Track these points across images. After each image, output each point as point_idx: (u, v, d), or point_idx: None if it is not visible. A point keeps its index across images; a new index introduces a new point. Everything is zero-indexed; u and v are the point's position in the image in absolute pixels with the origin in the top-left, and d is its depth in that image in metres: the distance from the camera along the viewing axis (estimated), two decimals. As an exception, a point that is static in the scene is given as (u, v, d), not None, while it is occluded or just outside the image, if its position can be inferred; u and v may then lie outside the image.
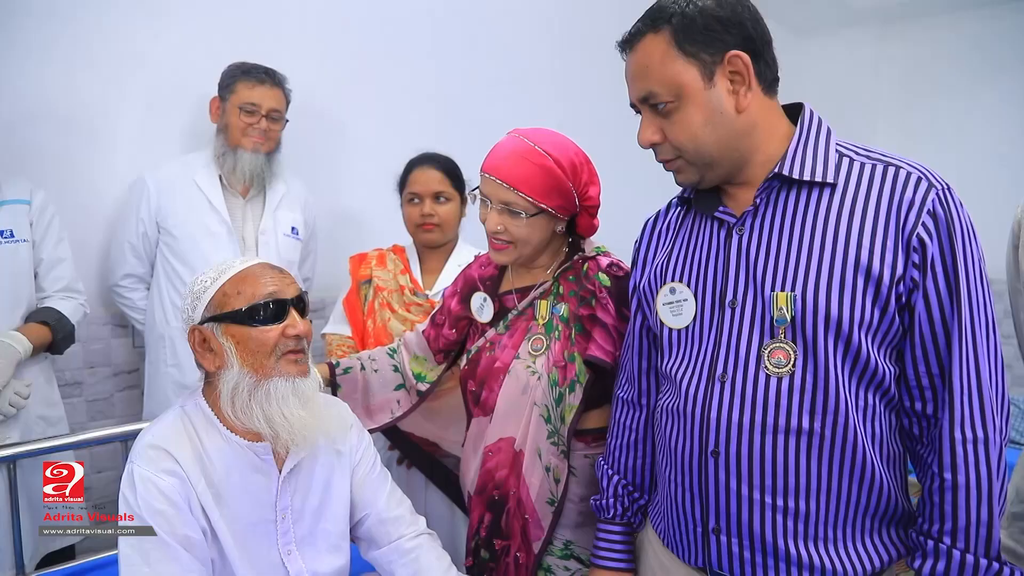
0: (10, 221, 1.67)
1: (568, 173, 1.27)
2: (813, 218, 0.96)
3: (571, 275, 1.36)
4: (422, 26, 2.72)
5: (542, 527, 1.32)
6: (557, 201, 1.28)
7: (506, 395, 1.34)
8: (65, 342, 1.74)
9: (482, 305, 1.45)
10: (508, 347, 1.37)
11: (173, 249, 1.97)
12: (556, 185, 1.27)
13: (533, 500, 1.31)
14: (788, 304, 0.94)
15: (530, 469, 1.31)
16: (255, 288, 1.11)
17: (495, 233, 1.31)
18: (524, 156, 1.26)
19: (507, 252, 1.33)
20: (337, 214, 2.52)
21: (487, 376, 1.37)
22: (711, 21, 0.94)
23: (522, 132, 1.31)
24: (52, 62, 1.94)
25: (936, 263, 0.91)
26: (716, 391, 0.99)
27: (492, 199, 1.29)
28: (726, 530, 0.99)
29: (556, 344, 1.32)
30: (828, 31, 3.92)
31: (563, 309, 1.33)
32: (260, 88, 1.97)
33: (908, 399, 0.96)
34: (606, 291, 1.31)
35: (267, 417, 1.10)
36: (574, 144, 1.32)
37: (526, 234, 1.30)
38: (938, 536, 0.92)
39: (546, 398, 1.31)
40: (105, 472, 2.08)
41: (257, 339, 1.10)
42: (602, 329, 1.30)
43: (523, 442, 1.32)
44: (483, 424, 1.38)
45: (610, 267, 1.33)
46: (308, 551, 1.19)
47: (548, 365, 1.31)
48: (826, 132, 1.00)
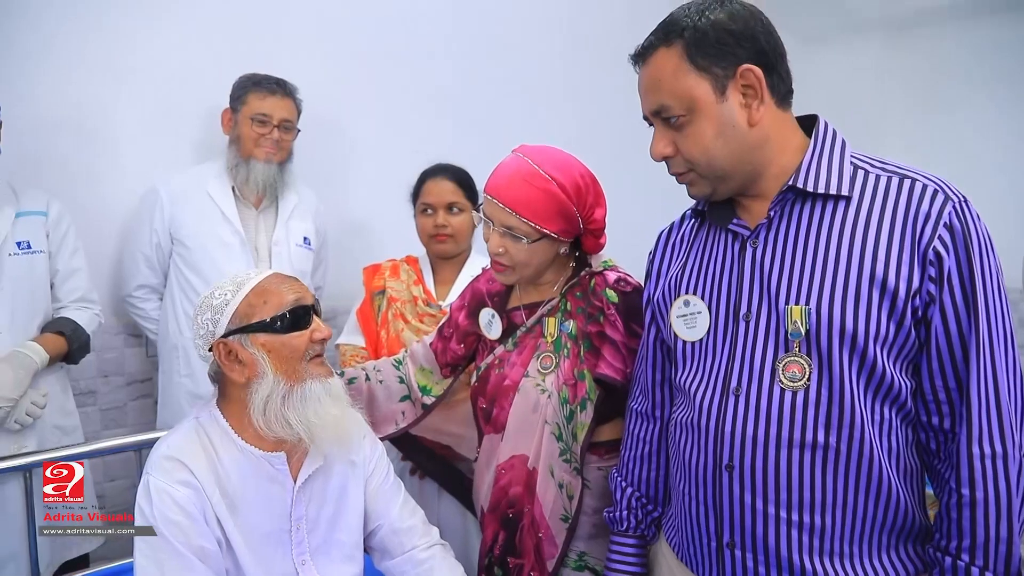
0: (27, 232, 1.69)
1: (572, 196, 1.25)
2: (828, 231, 0.95)
3: (578, 291, 1.35)
4: (434, 35, 2.73)
5: (556, 544, 1.31)
6: (560, 225, 1.26)
7: (516, 413, 1.33)
8: (80, 352, 1.76)
9: (490, 321, 1.45)
10: (517, 365, 1.36)
11: (186, 260, 1.98)
12: (560, 209, 1.25)
13: (547, 517, 1.31)
14: (803, 318, 0.94)
15: (543, 487, 1.31)
16: (279, 297, 1.13)
17: (496, 255, 1.30)
18: (527, 179, 1.24)
19: (507, 274, 1.33)
20: (347, 224, 2.53)
21: (497, 394, 1.37)
22: (723, 35, 0.94)
23: (526, 151, 1.29)
24: (65, 73, 1.97)
25: (953, 276, 0.90)
26: (731, 404, 0.99)
27: (494, 221, 1.28)
28: (741, 545, 0.99)
29: (566, 362, 1.31)
30: (834, 40, 3.91)
31: (571, 326, 1.33)
32: (271, 99, 1.98)
33: (925, 413, 0.96)
34: (614, 308, 1.30)
35: (303, 420, 1.11)
36: (580, 164, 1.30)
37: (526, 258, 1.28)
38: (956, 553, 0.91)
39: (557, 416, 1.30)
40: (118, 480, 2.10)
41: (289, 345, 1.12)
42: (611, 346, 1.29)
43: (536, 460, 1.31)
44: (495, 441, 1.38)
45: (618, 283, 1.32)
46: (322, 561, 1.19)
47: (558, 383, 1.30)
48: (841, 144, 1.00)
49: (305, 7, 2.42)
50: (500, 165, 1.30)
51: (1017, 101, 3.52)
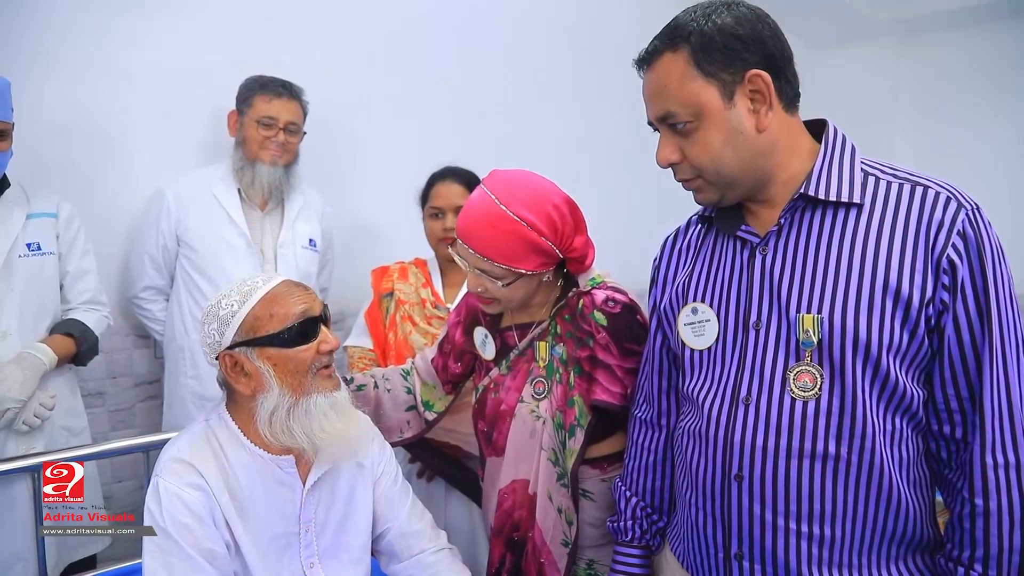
0: (37, 234, 1.69)
1: (546, 233, 1.20)
2: (840, 239, 0.95)
3: (567, 314, 1.31)
4: (441, 38, 2.73)
5: (558, 570, 1.30)
6: (537, 261, 1.22)
7: (514, 439, 1.33)
8: (89, 354, 1.76)
9: (484, 341, 1.43)
10: (512, 389, 1.35)
11: (192, 262, 1.99)
12: (533, 247, 1.20)
13: (548, 543, 1.30)
14: (815, 327, 0.93)
15: (543, 512, 1.30)
16: (286, 308, 1.11)
17: (476, 294, 1.29)
18: (494, 224, 1.19)
19: (492, 306, 1.32)
20: (354, 226, 2.54)
21: (495, 418, 1.37)
22: (730, 39, 0.93)
23: (493, 187, 1.22)
24: (73, 77, 1.97)
25: (966, 285, 0.89)
26: (740, 414, 0.98)
27: (468, 263, 1.25)
28: (749, 556, 0.98)
29: (558, 388, 1.29)
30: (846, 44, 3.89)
31: (562, 351, 1.31)
32: (277, 101, 1.99)
33: (936, 423, 0.95)
34: (604, 331, 1.26)
35: (308, 434, 1.11)
36: (553, 192, 1.24)
37: (507, 294, 1.26)
38: (968, 563, 0.91)
39: (552, 441, 1.29)
40: (126, 482, 2.11)
41: (295, 359, 1.11)
42: (605, 371, 1.26)
43: (535, 485, 1.31)
44: (496, 464, 1.37)
45: (606, 303, 1.27)
46: (331, 564, 1.20)
47: (551, 409, 1.29)
48: (851, 150, 0.99)
49: (313, 9, 2.42)
50: (467, 204, 1.25)
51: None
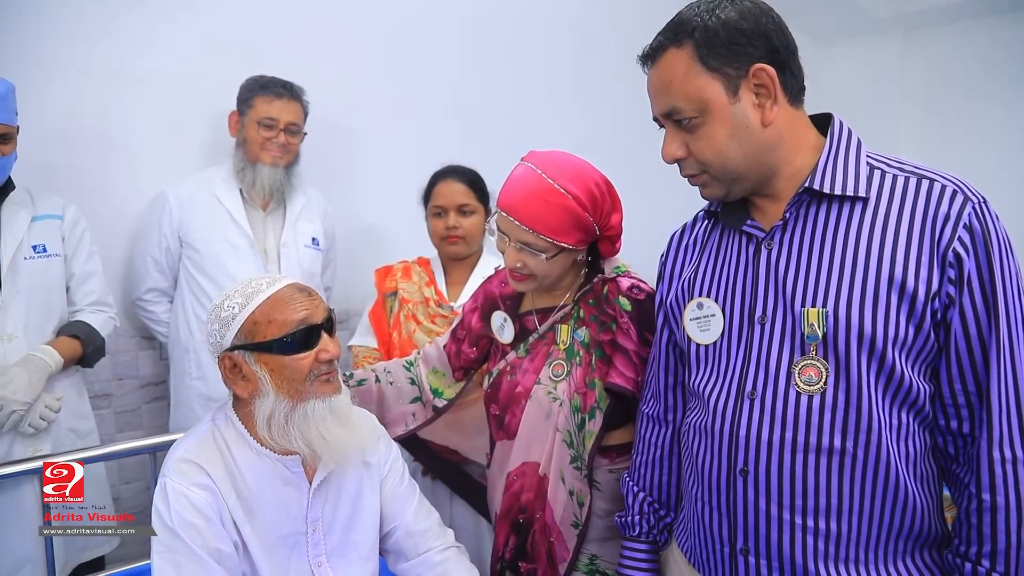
0: (43, 236, 1.70)
1: (589, 208, 1.23)
2: (845, 233, 0.94)
3: (591, 298, 1.34)
4: (442, 37, 2.73)
5: (568, 548, 1.31)
6: (578, 236, 1.25)
7: (528, 421, 1.33)
8: (95, 355, 1.77)
9: (502, 325, 1.44)
10: (529, 372, 1.35)
11: (196, 263, 1.99)
12: (577, 222, 1.23)
13: (558, 523, 1.31)
14: (820, 321, 0.93)
15: (554, 493, 1.30)
16: (286, 315, 1.10)
17: (514, 269, 1.29)
18: (542, 197, 1.21)
19: (527, 283, 1.32)
20: (359, 226, 2.54)
21: (509, 401, 1.37)
22: (735, 34, 0.92)
23: (537, 162, 1.24)
24: (75, 80, 1.98)
25: (973, 279, 0.89)
26: (745, 408, 0.98)
27: (510, 236, 1.26)
28: (755, 551, 0.98)
29: (578, 370, 1.30)
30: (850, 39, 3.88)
31: (584, 334, 1.32)
32: (278, 102, 1.99)
33: (943, 418, 0.94)
34: (627, 316, 1.28)
35: (306, 439, 1.11)
36: (593, 170, 1.27)
37: (546, 269, 1.27)
38: (976, 559, 0.90)
39: (568, 424, 1.29)
40: (133, 483, 2.12)
41: (292, 367, 1.10)
42: (623, 355, 1.28)
43: (547, 467, 1.31)
44: (507, 448, 1.37)
45: (631, 290, 1.30)
46: (338, 563, 1.20)
47: (569, 391, 1.30)
48: (856, 144, 0.99)
49: (315, 10, 2.43)
50: (511, 178, 1.27)
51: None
